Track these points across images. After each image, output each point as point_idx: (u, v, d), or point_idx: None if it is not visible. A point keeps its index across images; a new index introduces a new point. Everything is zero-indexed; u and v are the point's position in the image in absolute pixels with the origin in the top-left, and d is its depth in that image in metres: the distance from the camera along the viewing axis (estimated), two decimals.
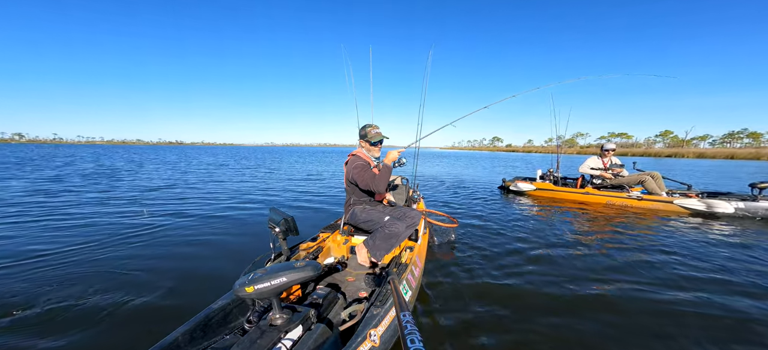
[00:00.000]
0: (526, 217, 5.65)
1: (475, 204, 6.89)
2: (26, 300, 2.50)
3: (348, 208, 3.00)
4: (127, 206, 6.14)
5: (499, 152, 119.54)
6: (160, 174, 12.31)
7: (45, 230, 4.40)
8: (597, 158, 7.14)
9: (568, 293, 2.73)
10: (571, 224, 5.16)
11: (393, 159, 2.80)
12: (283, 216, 2.12)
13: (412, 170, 4.94)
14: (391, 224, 2.62)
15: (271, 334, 1.52)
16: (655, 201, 6.26)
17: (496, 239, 4.20)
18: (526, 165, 23.35)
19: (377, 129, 2.96)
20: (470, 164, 24.75)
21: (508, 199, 7.62)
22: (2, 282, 2.80)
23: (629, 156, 51.60)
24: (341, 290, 2.30)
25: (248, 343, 1.47)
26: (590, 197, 6.98)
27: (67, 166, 15.13)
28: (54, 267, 3.13)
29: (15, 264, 3.19)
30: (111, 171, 13.06)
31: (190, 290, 2.76)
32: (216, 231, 4.52)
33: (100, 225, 4.69)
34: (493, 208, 6.47)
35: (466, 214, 5.88)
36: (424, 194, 7.18)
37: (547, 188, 7.85)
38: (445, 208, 6.48)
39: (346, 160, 2.95)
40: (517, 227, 4.87)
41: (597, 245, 4.03)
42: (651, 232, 4.67)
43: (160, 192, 7.91)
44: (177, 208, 6.03)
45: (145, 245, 3.85)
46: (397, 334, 1.62)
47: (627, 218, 5.52)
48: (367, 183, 2.70)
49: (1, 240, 3.90)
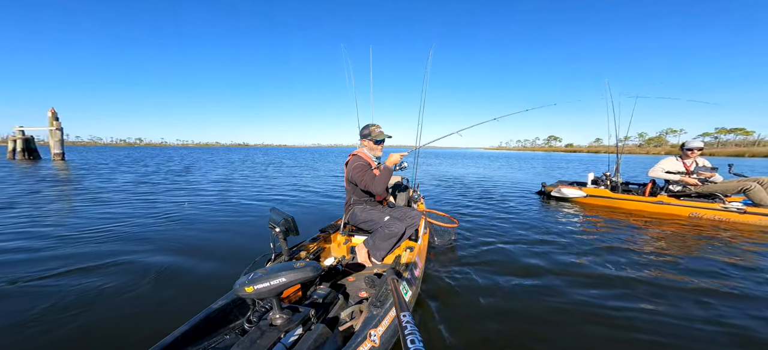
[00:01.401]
0: (564, 226, 4.92)
1: (503, 209, 6.22)
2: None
3: (348, 208, 3.00)
4: (217, 193, 8.04)
5: (558, 152, 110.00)
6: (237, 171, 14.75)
7: (141, 207, 6.03)
8: (675, 159, 5.72)
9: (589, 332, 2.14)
10: (631, 240, 4.18)
11: (394, 162, 2.79)
12: (283, 216, 2.12)
13: (412, 171, 4.93)
14: (391, 224, 2.62)
15: (271, 334, 1.52)
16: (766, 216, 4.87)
17: (508, 248, 3.82)
18: (583, 168, 19.59)
19: (380, 128, 2.96)
20: (514, 165, 22.87)
21: (549, 206, 6.60)
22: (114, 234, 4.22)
23: (747, 157, 44.79)
24: (341, 290, 2.30)
25: (248, 343, 1.47)
26: (664, 207, 5.67)
27: (168, 162, 20.78)
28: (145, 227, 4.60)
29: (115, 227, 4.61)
30: (196, 167, 17.19)
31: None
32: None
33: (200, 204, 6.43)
34: (522, 215, 5.70)
35: (487, 220, 5.25)
36: (446, 199, 6.99)
37: (602, 195, 6.54)
38: (465, 212, 5.94)
39: (347, 160, 2.95)
40: (546, 236, 4.31)
41: (669, 268, 3.14)
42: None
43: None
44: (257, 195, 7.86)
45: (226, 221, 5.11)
46: (397, 334, 1.62)
47: (726, 238, 4.23)
48: (366, 184, 2.70)
49: (114, 210, 5.78)
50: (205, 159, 26.32)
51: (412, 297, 2.10)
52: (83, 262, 3.23)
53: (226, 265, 3.23)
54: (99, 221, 4.88)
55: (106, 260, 3.30)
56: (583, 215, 5.81)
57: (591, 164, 23.83)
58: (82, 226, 4.61)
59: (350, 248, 3.12)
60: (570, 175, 14.29)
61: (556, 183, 7.48)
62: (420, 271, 2.45)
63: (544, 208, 6.47)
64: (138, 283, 2.80)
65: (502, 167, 20.76)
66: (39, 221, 4.85)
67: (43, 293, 2.59)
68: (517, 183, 10.87)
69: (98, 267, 3.13)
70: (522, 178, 12.94)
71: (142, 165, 17.80)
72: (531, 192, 8.59)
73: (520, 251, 3.74)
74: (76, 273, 2.98)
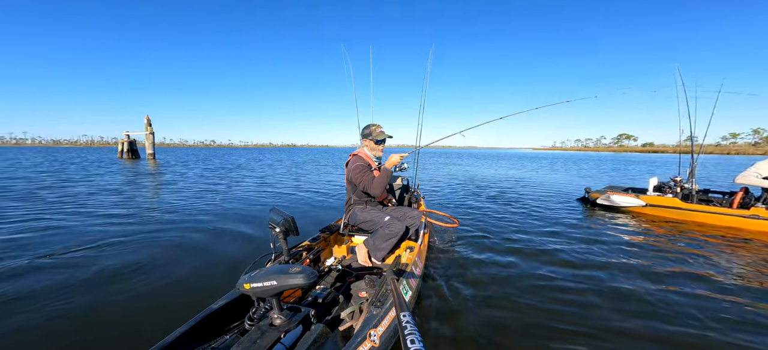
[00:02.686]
0: (607, 237, 4.19)
1: (530, 214, 5.68)
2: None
3: (348, 208, 2.99)
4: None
5: (631, 153, 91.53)
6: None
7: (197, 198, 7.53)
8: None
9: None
10: (718, 265, 3.32)
11: (394, 163, 2.77)
12: (283, 216, 2.12)
13: (413, 172, 4.93)
14: (391, 224, 2.62)
15: (271, 334, 1.52)
16: None
17: (516, 254, 3.55)
18: (656, 171, 16.88)
19: (381, 128, 2.95)
20: (562, 167, 20.94)
21: (593, 215, 5.65)
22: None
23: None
24: (341, 290, 2.30)
25: (248, 343, 1.47)
26: (762, 223, 4.53)
27: (226, 161, 25.00)
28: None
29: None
30: (246, 164, 20.51)
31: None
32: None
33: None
34: (550, 220, 5.10)
35: (503, 221, 4.89)
36: (467, 204, 6.77)
37: (669, 206, 5.33)
38: (475, 216, 5.59)
39: (347, 160, 2.95)
40: (573, 246, 3.79)
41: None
42: None
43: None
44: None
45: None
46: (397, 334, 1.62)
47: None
48: (365, 186, 2.69)
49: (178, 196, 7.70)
50: (255, 158, 30.96)
51: (412, 296, 2.10)
52: (158, 227, 4.74)
53: (234, 243, 4.15)
54: (170, 202, 6.89)
55: (172, 226, 4.80)
56: (638, 227, 4.82)
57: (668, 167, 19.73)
58: (161, 205, 6.57)
59: (350, 248, 3.12)
60: (629, 179, 12.50)
61: (605, 189, 6.36)
62: (420, 271, 2.45)
63: (585, 217, 5.56)
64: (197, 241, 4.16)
65: (547, 169, 18.82)
66: (134, 202, 6.96)
67: (144, 242, 4.02)
68: (559, 187, 9.86)
69: (170, 229, 4.66)
70: (566, 181, 11.77)
71: (207, 162, 21.94)
72: (574, 198, 7.53)
73: (529, 257, 3.53)
74: (157, 232, 4.50)
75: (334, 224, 3.16)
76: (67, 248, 3.69)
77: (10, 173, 12.74)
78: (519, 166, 21.89)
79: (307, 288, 1.80)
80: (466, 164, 24.03)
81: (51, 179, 10.88)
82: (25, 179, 10.74)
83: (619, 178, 13.45)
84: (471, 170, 17.02)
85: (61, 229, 4.55)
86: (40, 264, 3.23)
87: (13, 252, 3.55)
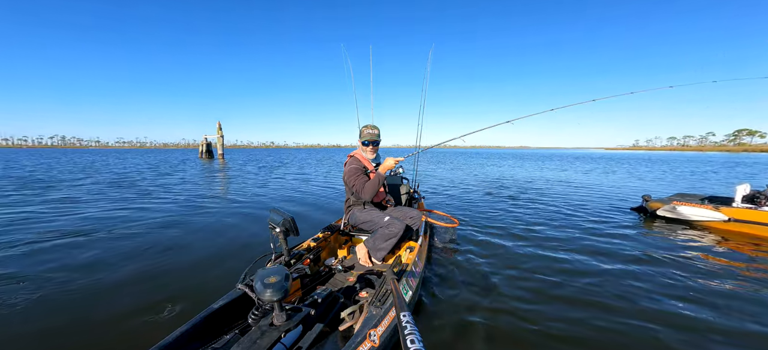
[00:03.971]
0: (663, 254, 3.51)
1: (550, 219, 5.23)
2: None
3: (348, 208, 3.00)
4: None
5: (758, 153, 76.99)
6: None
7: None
8: None
9: None
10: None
11: (388, 168, 2.74)
12: (283, 217, 2.12)
13: (412, 171, 4.93)
14: (390, 224, 2.62)
15: (271, 334, 1.52)
16: None
17: (522, 252, 3.37)
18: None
19: (370, 129, 2.87)
20: (634, 168, 18.16)
21: (651, 229, 4.65)
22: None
23: None
24: (341, 290, 2.30)
25: (248, 343, 1.47)
26: None
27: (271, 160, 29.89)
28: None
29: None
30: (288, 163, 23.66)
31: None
32: None
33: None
34: (582, 227, 4.52)
35: (519, 222, 4.56)
36: (475, 204, 6.59)
37: (763, 222, 4.16)
38: (478, 216, 5.32)
39: (346, 160, 2.95)
40: (604, 264, 3.22)
41: None
42: None
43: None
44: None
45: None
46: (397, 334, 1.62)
47: None
48: (356, 189, 2.69)
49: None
50: (300, 158, 34.32)
51: (413, 297, 2.10)
52: (226, 209, 6.35)
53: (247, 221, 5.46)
54: (234, 191, 8.97)
55: (222, 208, 6.42)
56: (718, 248, 3.77)
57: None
58: (226, 192, 8.76)
59: (350, 248, 3.12)
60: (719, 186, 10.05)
61: (671, 197, 5.26)
62: (420, 271, 2.45)
63: (638, 230, 4.59)
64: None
65: (599, 170, 16.70)
66: (206, 190, 9.10)
67: (206, 222, 5.22)
68: (609, 192, 8.58)
69: (231, 213, 5.97)
70: (621, 185, 10.19)
71: (260, 162, 25.36)
72: (626, 207, 6.29)
73: (533, 260, 3.40)
74: (221, 213, 5.92)
75: (334, 224, 3.16)
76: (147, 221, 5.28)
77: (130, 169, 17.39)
78: (567, 166, 20.14)
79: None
80: (505, 164, 23.18)
81: (151, 173, 14.58)
82: (136, 172, 15.09)
83: (704, 182, 10.91)
84: (504, 171, 16.03)
85: (145, 210, 6.06)
86: (123, 234, 4.49)
87: (110, 225, 4.95)
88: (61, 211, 5.86)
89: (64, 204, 6.52)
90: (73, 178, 11.82)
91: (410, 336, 1.16)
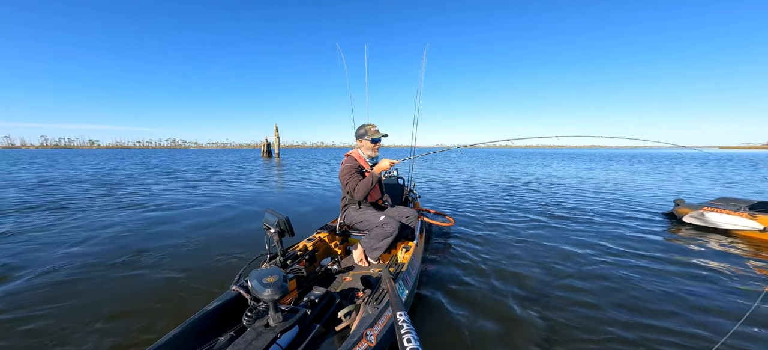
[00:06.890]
0: (677, 259, 3.33)
1: (556, 219, 5.11)
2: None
3: (343, 208, 2.99)
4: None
5: None
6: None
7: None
8: None
9: None
10: None
11: (383, 169, 2.74)
12: (278, 217, 2.11)
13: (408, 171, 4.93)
14: (386, 223, 2.62)
15: (266, 335, 1.51)
16: None
17: (517, 244, 3.42)
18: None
19: (377, 127, 2.92)
20: (687, 168, 16.64)
21: (678, 235, 4.36)
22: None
23: None
24: (337, 290, 2.29)
25: (244, 344, 1.46)
26: None
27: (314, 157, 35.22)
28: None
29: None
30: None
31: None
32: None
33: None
34: (591, 236, 4.21)
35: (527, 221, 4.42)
36: (478, 203, 6.42)
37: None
38: (479, 216, 5.24)
39: (343, 159, 2.94)
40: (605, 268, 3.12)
41: None
42: None
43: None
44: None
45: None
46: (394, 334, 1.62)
47: None
48: (350, 188, 2.69)
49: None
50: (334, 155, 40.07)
51: (409, 296, 2.10)
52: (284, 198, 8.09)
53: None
54: (286, 184, 10.75)
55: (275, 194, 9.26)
56: (746, 264, 3.30)
57: None
58: (281, 184, 10.72)
59: (346, 248, 3.11)
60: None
61: (703, 204, 4.79)
62: (416, 270, 2.45)
63: (666, 236, 4.28)
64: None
65: (642, 170, 15.46)
66: (266, 183, 10.88)
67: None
68: (646, 194, 7.94)
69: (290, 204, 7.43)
70: (667, 186, 9.36)
71: (307, 160, 27.71)
72: (658, 212, 5.83)
73: (531, 259, 3.38)
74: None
75: (330, 224, 3.15)
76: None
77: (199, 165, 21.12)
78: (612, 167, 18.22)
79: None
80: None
81: (234, 168, 18.61)
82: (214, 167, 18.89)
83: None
84: (570, 171, 14.90)
85: (221, 195, 8.04)
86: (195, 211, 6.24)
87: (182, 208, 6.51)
88: (200, 192, 8.61)
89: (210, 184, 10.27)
90: (196, 171, 15.62)
91: (407, 335, 1.16)
